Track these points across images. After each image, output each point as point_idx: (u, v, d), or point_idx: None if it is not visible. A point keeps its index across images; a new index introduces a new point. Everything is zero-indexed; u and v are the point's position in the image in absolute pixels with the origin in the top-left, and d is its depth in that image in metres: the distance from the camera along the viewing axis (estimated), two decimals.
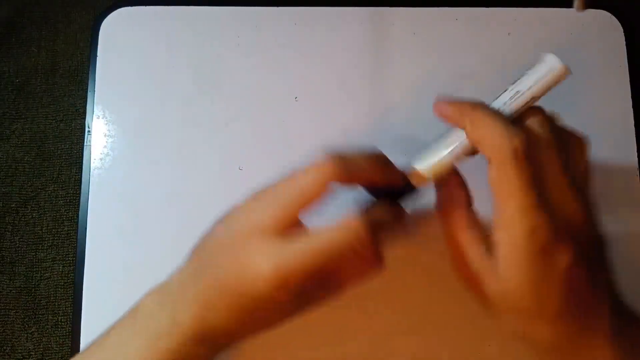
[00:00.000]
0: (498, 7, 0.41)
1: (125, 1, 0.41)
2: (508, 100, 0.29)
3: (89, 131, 0.39)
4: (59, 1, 0.44)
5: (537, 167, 0.27)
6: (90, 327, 0.36)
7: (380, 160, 0.30)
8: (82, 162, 0.39)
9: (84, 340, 0.36)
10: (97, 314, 0.36)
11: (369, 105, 0.39)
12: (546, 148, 0.28)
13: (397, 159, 0.31)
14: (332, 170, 0.27)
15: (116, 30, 0.41)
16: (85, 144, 0.39)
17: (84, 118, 0.40)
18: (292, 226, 0.28)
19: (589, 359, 0.27)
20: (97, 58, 0.40)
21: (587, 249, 0.27)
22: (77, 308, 0.36)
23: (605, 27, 0.41)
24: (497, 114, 0.28)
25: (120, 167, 0.39)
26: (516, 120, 0.29)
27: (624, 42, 0.40)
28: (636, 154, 0.39)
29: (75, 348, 0.36)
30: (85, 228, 0.37)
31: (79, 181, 0.39)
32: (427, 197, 0.31)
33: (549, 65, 0.28)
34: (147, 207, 0.37)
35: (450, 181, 0.30)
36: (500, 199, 0.27)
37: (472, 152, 0.29)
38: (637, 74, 0.40)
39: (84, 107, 0.40)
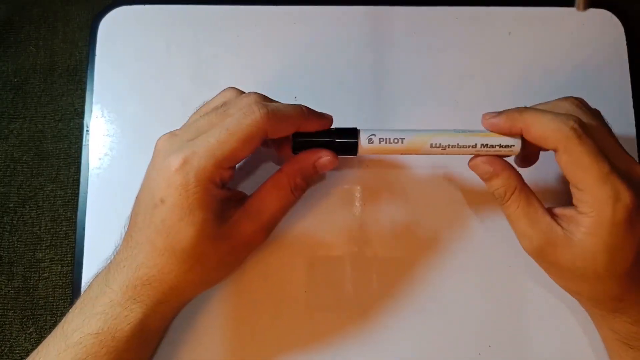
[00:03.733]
0: (498, 7, 0.41)
1: (123, 0, 0.41)
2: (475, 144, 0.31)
3: (87, 131, 0.39)
4: (58, 0, 0.44)
5: (596, 142, 0.28)
6: None
7: (308, 110, 0.31)
8: (80, 162, 0.39)
9: None
10: None
11: (369, 105, 0.39)
12: (595, 123, 0.30)
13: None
14: (265, 119, 0.28)
15: (115, 30, 0.41)
16: (83, 143, 0.39)
17: (83, 117, 0.40)
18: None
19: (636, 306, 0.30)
20: (96, 57, 0.40)
21: None
22: None
23: (606, 26, 0.41)
24: (541, 110, 0.30)
25: (118, 167, 0.38)
26: (557, 107, 0.31)
27: (625, 41, 0.40)
28: (637, 153, 0.39)
29: None
30: (84, 228, 0.37)
31: (77, 181, 0.39)
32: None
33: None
34: None
35: (504, 167, 0.31)
36: (578, 177, 0.28)
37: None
38: (638, 73, 0.40)
39: (83, 106, 0.40)
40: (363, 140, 0.31)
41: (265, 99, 0.31)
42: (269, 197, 0.31)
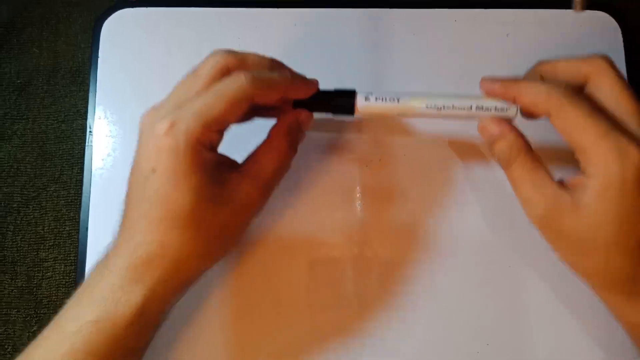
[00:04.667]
0: (496, 9, 0.41)
1: (126, 2, 0.41)
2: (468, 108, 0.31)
3: (90, 131, 0.40)
4: (60, 2, 0.45)
5: (593, 103, 0.28)
6: None
7: (292, 75, 0.31)
8: (83, 163, 0.39)
9: None
10: None
11: None
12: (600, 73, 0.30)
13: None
14: (250, 83, 0.28)
15: (118, 32, 0.41)
16: (86, 144, 0.39)
17: (86, 119, 0.40)
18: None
19: None
20: (99, 59, 0.40)
21: None
22: None
23: (603, 28, 0.41)
24: (534, 80, 0.30)
25: (121, 167, 0.39)
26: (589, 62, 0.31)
27: (622, 43, 0.41)
28: None
29: None
30: (87, 228, 0.38)
31: (80, 181, 0.39)
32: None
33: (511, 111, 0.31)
34: None
35: (511, 129, 0.30)
36: (577, 138, 0.27)
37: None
38: (635, 74, 0.40)
39: (86, 107, 0.40)
40: (360, 98, 0.32)
41: (229, 51, 0.31)
42: (266, 158, 0.31)
